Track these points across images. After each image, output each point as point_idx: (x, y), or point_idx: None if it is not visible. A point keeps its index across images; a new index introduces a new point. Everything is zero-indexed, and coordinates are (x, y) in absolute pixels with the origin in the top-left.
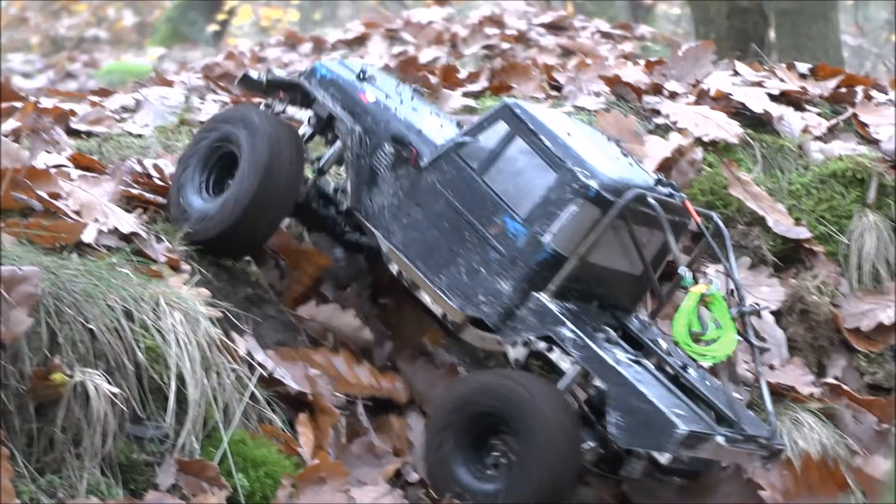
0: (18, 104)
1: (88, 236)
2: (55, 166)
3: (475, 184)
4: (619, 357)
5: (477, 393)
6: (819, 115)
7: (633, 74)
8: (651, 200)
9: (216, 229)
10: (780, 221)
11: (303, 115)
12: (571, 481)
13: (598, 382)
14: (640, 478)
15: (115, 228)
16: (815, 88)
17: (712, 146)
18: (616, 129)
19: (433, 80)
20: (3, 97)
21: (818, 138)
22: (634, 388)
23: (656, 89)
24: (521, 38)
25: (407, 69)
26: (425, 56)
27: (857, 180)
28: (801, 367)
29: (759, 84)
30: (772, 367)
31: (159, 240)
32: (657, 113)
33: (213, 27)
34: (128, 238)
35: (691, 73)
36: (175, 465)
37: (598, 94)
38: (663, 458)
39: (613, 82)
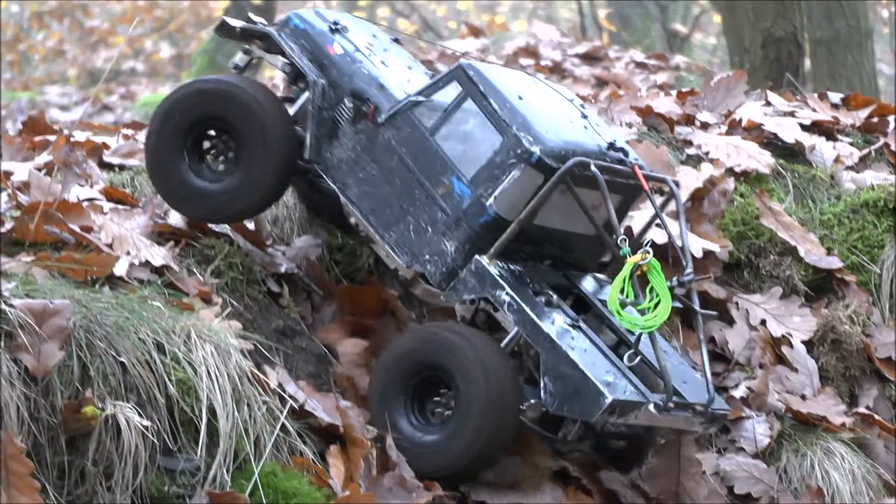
0: (52, 137)
1: (120, 269)
2: (87, 199)
3: (427, 143)
4: (556, 322)
5: (419, 343)
6: (851, 144)
7: (665, 105)
8: (593, 168)
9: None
10: (812, 251)
11: (278, 61)
12: (508, 434)
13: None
14: (576, 440)
15: (147, 261)
16: (847, 118)
17: (744, 176)
18: (648, 159)
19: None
20: (37, 130)
21: (850, 168)
22: (565, 355)
23: (688, 120)
24: (556, 69)
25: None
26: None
27: (889, 210)
28: (833, 397)
29: (791, 114)
30: (803, 397)
31: (191, 272)
32: (689, 143)
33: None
34: (159, 271)
35: (723, 104)
36: (206, 498)
37: (630, 125)
38: (576, 424)
39: (645, 113)
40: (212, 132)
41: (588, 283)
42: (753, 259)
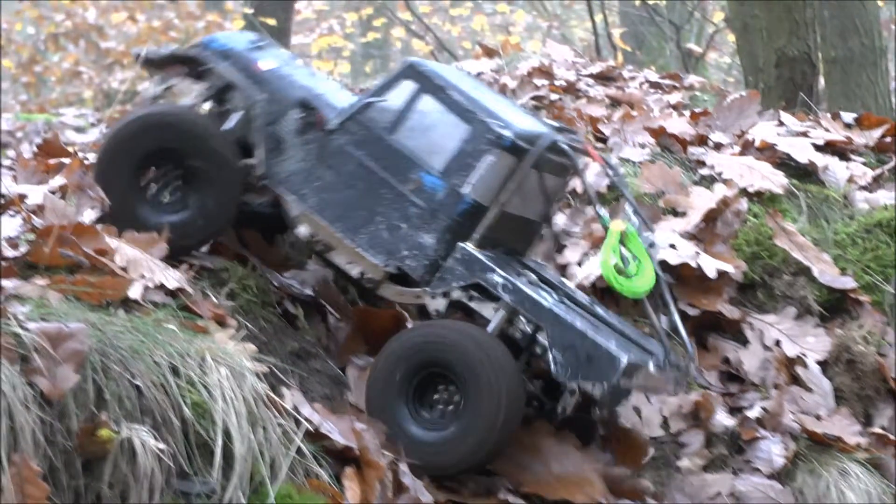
0: (66, 160)
1: (135, 293)
2: (101, 222)
3: (386, 143)
4: (549, 297)
5: (419, 342)
6: (864, 164)
7: (678, 126)
8: (564, 146)
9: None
10: (826, 271)
11: (197, 88)
12: (517, 422)
13: (523, 325)
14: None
15: (162, 285)
16: (861, 138)
17: (757, 197)
18: (661, 180)
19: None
20: (52, 153)
21: (863, 188)
22: (571, 326)
23: (701, 140)
24: (571, 89)
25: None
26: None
27: None
28: (848, 418)
29: (804, 134)
30: (818, 418)
31: (205, 295)
32: (702, 164)
33: None
34: (174, 293)
35: (736, 124)
36: None
37: (643, 146)
38: (596, 390)
39: (658, 134)
40: (158, 164)
41: (534, 266)
42: (767, 279)
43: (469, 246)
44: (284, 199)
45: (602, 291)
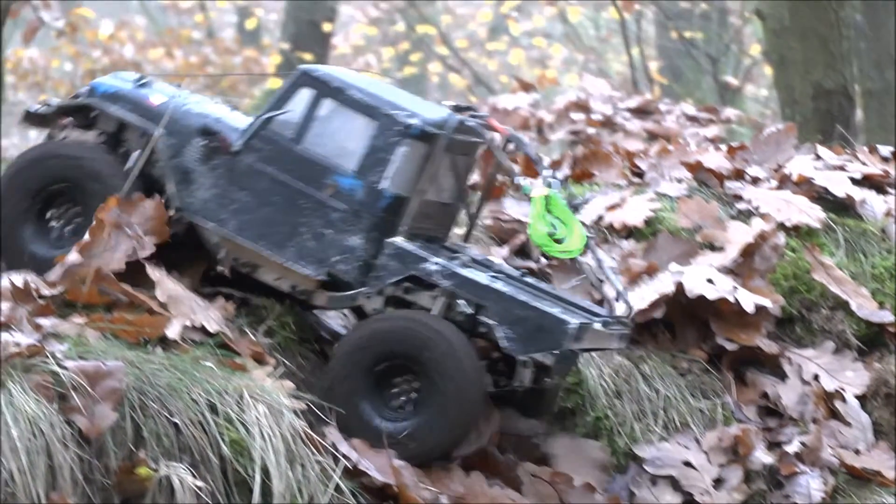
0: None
1: (173, 332)
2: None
3: (295, 154)
4: (485, 276)
5: (380, 334)
6: None
7: (715, 160)
8: (473, 124)
9: None
10: (864, 305)
11: (87, 137)
12: (482, 406)
13: (463, 307)
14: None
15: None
16: None
17: (795, 231)
18: (699, 215)
19: (515, 168)
20: None
21: None
22: (514, 299)
23: (738, 174)
24: (607, 123)
25: (489, 156)
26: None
27: None
28: (887, 452)
29: (841, 168)
30: (857, 452)
31: (243, 332)
32: (739, 198)
33: None
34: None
35: (773, 158)
36: None
37: (679, 181)
38: (549, 359)
39: (695, 168)
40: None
41: (460, 247)
42: (805, 314)
43: (398, 240)
44: (202, 227)
45: (643, 326)
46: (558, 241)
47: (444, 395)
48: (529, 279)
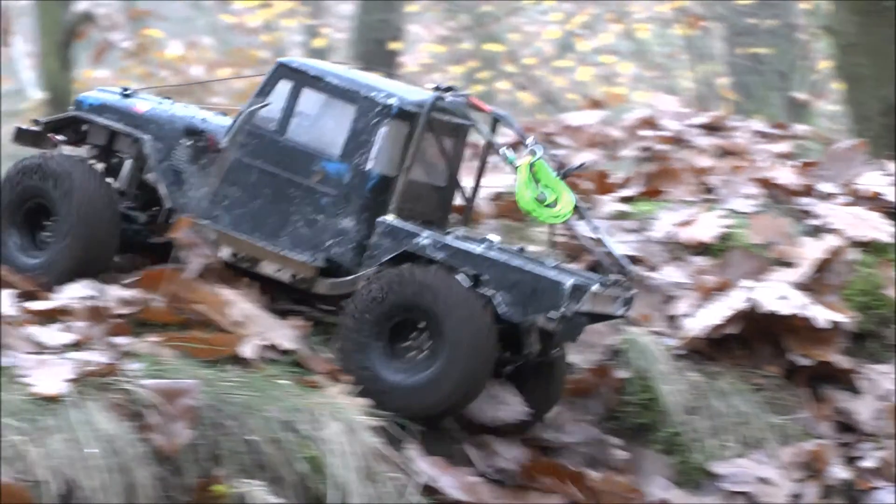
0: None
1: (249, 351)
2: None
3: (280, 144)
4: (477, 245)
5: (395, 287)
6: None
7: (786, 176)
8: (452, 100)
9: None
10: None
11: (78, 152)
12: (491, 366)
13: (462, 281)
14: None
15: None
16: None
17: (867, 247)
18: (770, 231)
19: (588, 185)
20: None
21: None
22: (508, 265)
23: (809, 190)
24: (677, 140)
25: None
26: (580, 159)
27: None
28: None
29: None
30: None
31: (316, 350)
32: (810, 214)
33: None
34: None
35: (844, 174)
36: None
37: (750, 197)
38: (549, 323)
39: (766, 184)
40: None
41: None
42: (879, 329)
43: (388, 218)
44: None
45: (717, 342)
46: (548, 206)
47: (456, 346)
48: (529, 254)
